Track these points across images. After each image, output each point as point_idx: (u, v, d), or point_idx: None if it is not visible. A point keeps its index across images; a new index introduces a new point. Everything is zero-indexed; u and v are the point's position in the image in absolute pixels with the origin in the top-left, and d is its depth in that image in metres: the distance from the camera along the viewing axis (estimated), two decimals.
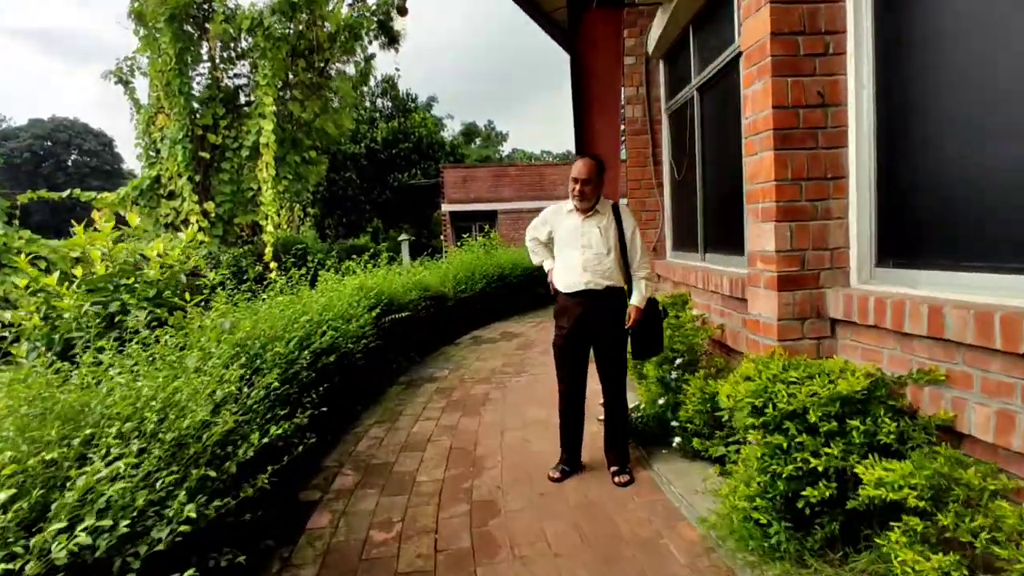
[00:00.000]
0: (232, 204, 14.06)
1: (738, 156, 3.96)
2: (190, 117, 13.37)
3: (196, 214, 13.57)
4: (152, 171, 14.12)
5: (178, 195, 13.73)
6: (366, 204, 23.73)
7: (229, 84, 14.55)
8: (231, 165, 13.89)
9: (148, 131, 14.33)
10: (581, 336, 3.20)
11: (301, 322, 4.03)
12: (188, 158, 13.35)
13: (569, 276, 3.16)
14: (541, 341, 7.66)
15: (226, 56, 14.30)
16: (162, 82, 13.51)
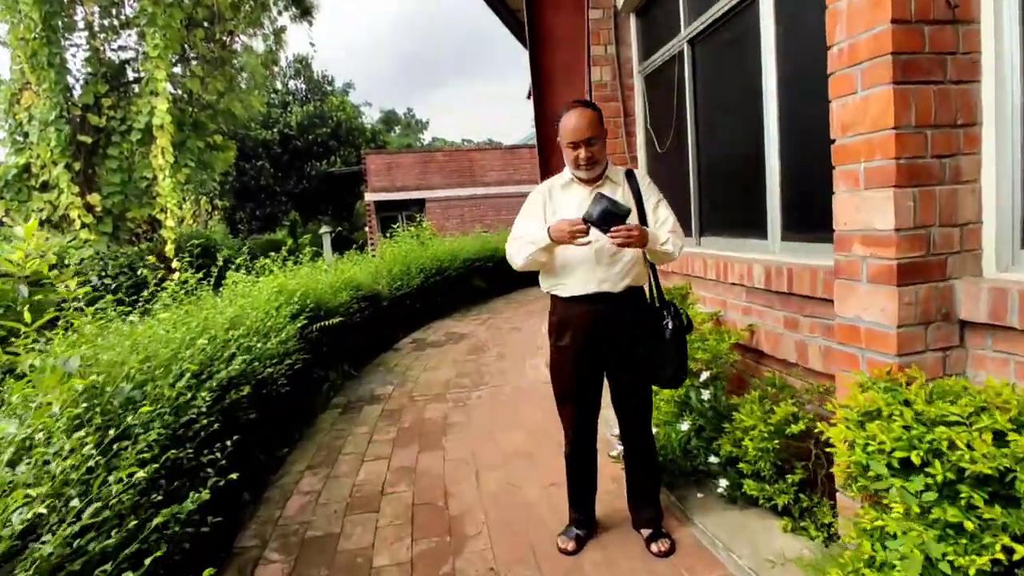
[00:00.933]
0: (123, 196, 12.25)
1: (755, 116, 3.23)
2: (64, 94, 11.41)
3: (78, 208, 11.69)
4: (20, 158, 12.02)
5: (54, 186, 11.75)
6: (282, 195, 21.87)
7: (113, 57, 12.63)
8: (119, 151, 12.06)
9: (12, 111, 12.19)
10: (592, 357, 2.31)
11: (198, 347, 2.93)
12: (64, 142, 11.42)
13: (574, 275, 2.26)
14: (493, 343, 6.76)
15: (107, 24, 12.37)
16: (26, 53, 11.44)
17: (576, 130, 2.19)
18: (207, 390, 2.78)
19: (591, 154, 2.19)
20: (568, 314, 2.27)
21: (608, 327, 2.24)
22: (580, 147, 2.19)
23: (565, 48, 5.19)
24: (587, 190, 2.25)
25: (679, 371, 2.27)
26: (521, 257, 2.28)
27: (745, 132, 3.41)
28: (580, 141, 2.19)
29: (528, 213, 2.36)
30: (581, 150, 2.19)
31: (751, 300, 3.14)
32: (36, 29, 11.10)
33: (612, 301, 2.22)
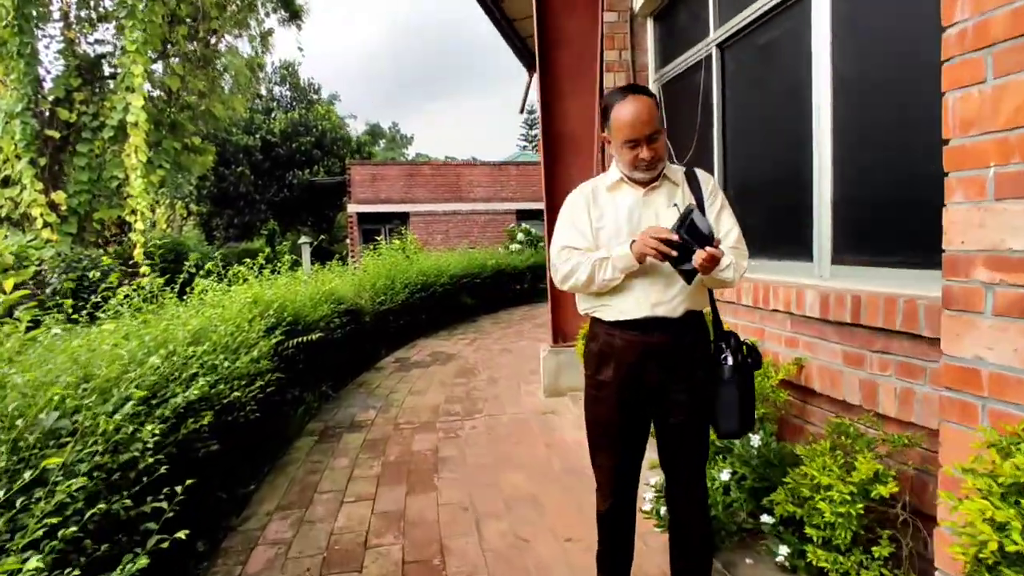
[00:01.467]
0: (90, 195, 11.60)
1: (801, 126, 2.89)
2: (33, 86, 10.80)
3: (40, 206, 11.01)
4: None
5: (16, 182, 11.07)
6: (261, 203, 21.19)
7: (88, 51, 12.06)
8: (90, 148, 11.45)
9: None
10: (639, 395, 1.86)
11: (149, 365, 2.44)
12: (30, 136, 10.79)
13: (624, 295, 1.83)
14: (483, 365, 6.30)
15: (84, 16, 11.82)
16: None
17: (636, 124, 1.74)
18: (157, 419, 2.30)
19: (654, 153, 1.77)
20: (613, 342, 1.84)
21: (661, 360, 1.81)
22: (641, 145, 1.76)
23: (576, 52, 4.84)
24: (639, 192, 1.85)
25: (744, 420, 1.84)
26: (584, 275, 1.81)
27: (786, 144, 3.06)
28: (641, 138, 1.75)
29: (572, 219, 1.92)
30: (642, 148, 1.76)
31: (798, 330, 2.76)
32: (7, 17, 10.55)
33: (668, 329, 1.80)
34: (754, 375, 1.92)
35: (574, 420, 4.21)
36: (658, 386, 1.82)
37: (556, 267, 1.89)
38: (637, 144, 1.76)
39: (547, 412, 4.46)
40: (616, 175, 1.89)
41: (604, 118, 1.85)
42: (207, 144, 13.58)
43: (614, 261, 1.77)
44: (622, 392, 1.83)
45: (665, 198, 1.85)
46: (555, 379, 4.86)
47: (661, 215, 1.82)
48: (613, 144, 1.85)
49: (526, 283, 13.03)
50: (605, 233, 1.86)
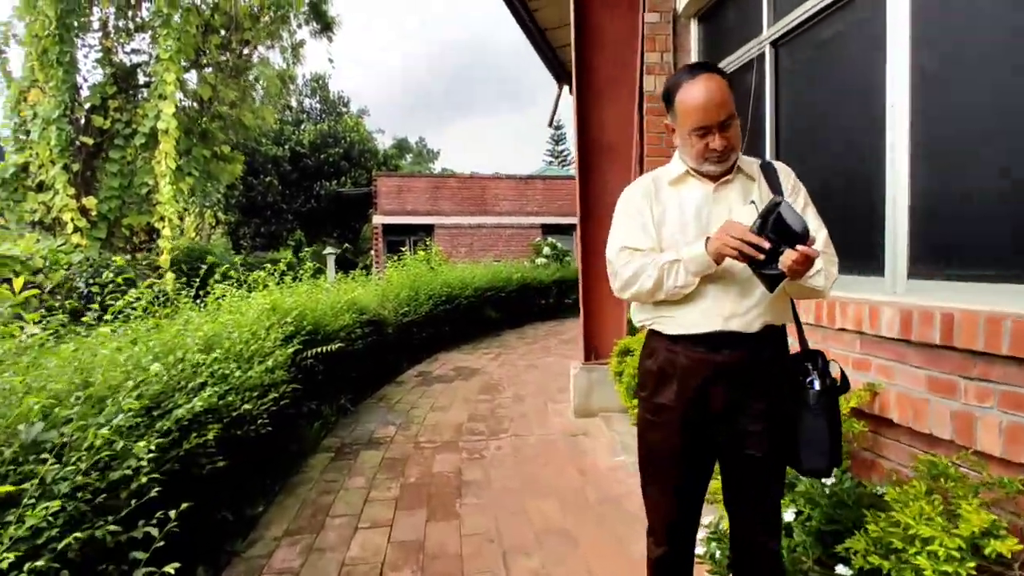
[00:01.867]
0: (120, 201, 11.68)
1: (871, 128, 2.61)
2: (69, 93, 10.96)
3: (72, 211, 11.12)
4: (20, 157, 11.52)
5: (50, 187, 11.21)
6: (288, 213, 21.33)
7: (125, 60, 12.22)
8: (122, 155, 11.55)
9: (18, 109, 11.74)
10: (705, 423, 1.58)
11: (150, 373, 2.24)
12: (64, 142, 10.92)
13: (692, 305, 1.55)
14: (508, 381, 6.03)
15: (122, 26, 12.00)
16: (37, 50, 11.07)
17: (707, 107, 1.48)
18: (155, 433, 2.08)
19: (727, 141, 1.51)
20: (675, 359, 1.57)
21: (733, 381, 1.53)
22: (713, 133, 1.49)
23: (614, 56, 4.62)
24: (708, 187, 1.59)
25: (834, 455, 1.55)
26: (650, 281, 1.53)
27: (853, 147, 2.79)
28: (713, 124, 1.49)
29: (631, 217, 1.66)
30: (714, 136, 1.49)
31: (869, 351, 2.45)
32: (50, 27, 10.77)
33: (742, 345, 1.52)
34: (839, 400, 1.62)
35: (607, 444, 3.91)
36: (727, 412, 1.54)
37: (616, 271, 1.62)
38: (708, 131, 1.50)
39: (578, 434, 4.17)
40: (680, 167, 1.63)
41: (667, 102, 1.60)
42: (236, 153, 13.65)
43: (686, 263, 1.50)
44: (684, 418, 1.56)
45: (739, 194, 1.59)
46: (586, 398, 4.57)
47: (735, 213, 1.55)
48: (678, 132, 1.59)
49: (552, 298, 12.76)
50: (667, 232, 1.60)
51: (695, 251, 1.49)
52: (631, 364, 3.97)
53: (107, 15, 11.62)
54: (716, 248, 1.44)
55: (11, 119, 11.39)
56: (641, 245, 1.60)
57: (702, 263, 1.48)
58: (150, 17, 11.41)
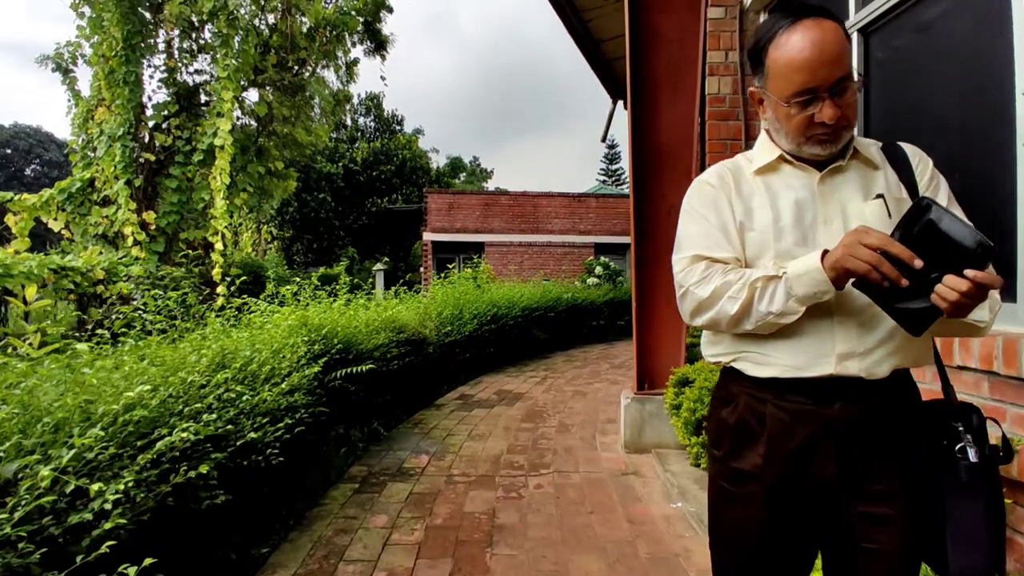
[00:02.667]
0: (178, 216, 11.95)
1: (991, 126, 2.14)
2: (134, 111, 11.34)
3: (133, 225, 11.44)
4: (86, 173, 11.99)
5: (113, 201, 11.60)
6: (340, 229, 21.62)
7: (188, 80, 12.60)
8: (181, 171, 11.85)
9: (85, 126, 12.27)
10: (805, 504, 1.14)
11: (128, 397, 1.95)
12: (128, 158, 11.28)
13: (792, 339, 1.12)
14: (553, 408, 5.62)
15: (186, 47, 12.41)
16: (105, 70, 11.54)
17: (815, 64, 1.06)
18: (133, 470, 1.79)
19: (840, 112, 1.08)
20: (762, 411, 1.15)
21: (848, 447, 1.10)
22: (821, 99, 1.08)
23: (673, 55, 4.22)
24: (812, 178, 1.17)
25: (993, 550, 1.09)
26: (736, 303, 1.11)
27: (969, 147, 2.32)
28: (822, 88, 1.07)
29: (705, 217, 1.23)
30: (823, 105, 1.07)
31: (1002, 397, 1.94)
32: (117, 47, 11.22)
33: (862, 397, 1.09)
34: (999, 475, 1.16)
35: (662, 488, 3.45)
36: (838, 488, 1.10)
37: (686, 290, 1.20)
38: (814, 98, 1.09)
39: (628, 473, 3.72)
40: (770, 151, 1.22)
41: (755, 60, 1.20)
42: (290, 170, 13.84)
43: (791, 282, 1.07)
44: (775, 492, 1.13)
45: (856, 187, 1.16)
46: (638, 433, 4.11)
47: (853, 213, 1.13)
48: (769, 102, 1.19)
49: (603, 319, 12.28)
50: (754, 240, 1.18)
51: (805, 266, 1.06)
52: (690, 396, 3.51)
53: (172, 36, 12.03)
54: (839, 262, 1.00)
55: (79, 136, 11.88)
56: (722, 255, 1.19)
57: (815, 284, 1.04)
58: (212, 38, 11.75)
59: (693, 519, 2.94)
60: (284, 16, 12.05)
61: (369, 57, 14.33)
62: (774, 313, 1.08)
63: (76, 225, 11.96)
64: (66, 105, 12.50)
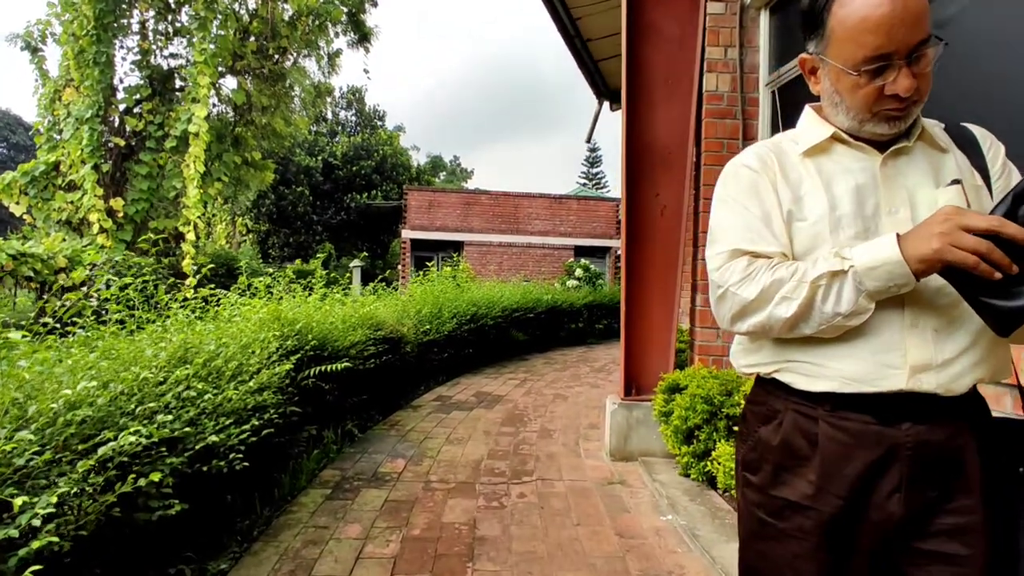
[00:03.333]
0: (148, 204, 11.52)
1: None
2: (104, 93, 10.91)
3: (99, 212, 11.02)
4: (51, 156, 11.49)
5: (79, 186, 11.14)
6: (318, 224, 21.19)
7: (162, 64, 12.17)
8: (152, 157, 11.43)
9: (52, 108, 11.77)
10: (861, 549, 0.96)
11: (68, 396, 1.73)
12: (96, 142, 10.84)
13: (846, 345, 0.95)
14: (534, 412, 5.45)
15: (161, 30, 11.97)
16: (74, 50, 11.08)
17: (894, 23, 0.90)
18: (72, 479, 1.56)
19: (917, 84, 0.93)
20: (813, 432, 0.98)
21: (920, 475, 0.94)
22: (896, 66, 0.92)
23: (670, 51, 4.07)
24: (874, 160, 1.01)
25: None
26: (792, 305, 0.93)
27: None
28: (897, 52, 0.91)
29: (746, 205, 1.06)
30: (898, 74, 0.92)
31: None
32: (88, 26, 10.78)
33: (939, 416, 0.93)
34: None
35: (650, 498, 3.30)
36: (906, 524, 0.94)
37: (726, 291, 1.02)
38: (887, 66, 0.93)
39: (614, 482, 3.56)
40: (820, 129, 1.06)
41: (811, 21, 1.03)
42: (268, 161, 13.48)
43: (860, 276, 0.90)
44: (830, 527, 0.96)
45: (924, 172, 1.00)
46: (624, 440, 3.96)
47: (923, 201, 0.98)
48: (825, 70, 1.02)
49: (582, 322, 12.15)
50: (804, 231, 1.01)
51: (878, 256, 0.89)
52: (681, 403, 3.37)
53: (146, 17, 11.60)
54: (937, 254, 0.84)
55: (45, 117, 11.40)
56: (766, 248, 1.02)
57: (892, 277, 0.88)
58: (189, 21, 11.36)
59: (684, 533, 2.80)
60: (265, 1, 11.70)
61: (352, 49, 14.07)
62: (843, 314, 0.92)
63: (39, 210, 11.47)
64: (33, 85, 11.97)
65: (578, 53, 7.66)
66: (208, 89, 10.77)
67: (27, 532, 1.40)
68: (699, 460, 3.31)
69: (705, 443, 3.24)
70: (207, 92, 10.79)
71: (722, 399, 3.20)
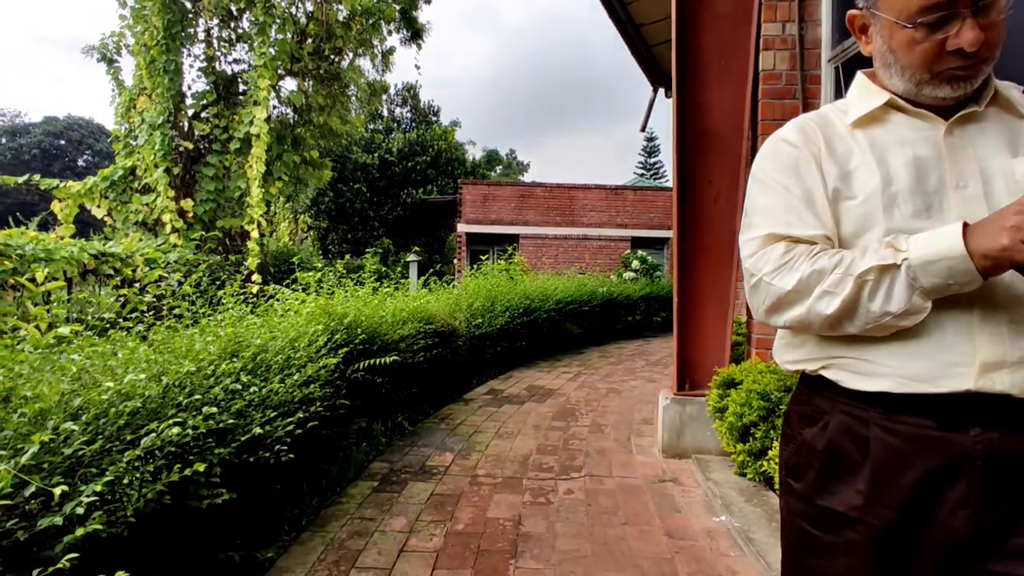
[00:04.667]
0: (215, 204, 12.05)
1: None
2: (174, 100, 11.46)
3: (171, 212, 11.59)
4: (128, 161, 12.18)
5: (153, 189, 11.79)
6: (375, 220, 21.65)
7: (226, 70, 12.68)
8: (218, 159, 11.95)
9: (128, 115, 12.45)
10: (920, 566, 0.83)
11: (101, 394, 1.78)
12: (167, 147, 11.42)
13: (905, 342, 0.83)
14: (586, 406, 5.36)
15: (224, 36, 12.48)
16: (146, 59, 11.68)
17: None
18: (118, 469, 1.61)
19: (986, 37, 0.81)
20: (864, 434, 0.88)
21: (991, 487, 0.82)
22: (960, 16, 0.81)
23: (724, 29, 3.89)
24: (937, 128, 0.89)
25: None
26: (837, 300, 0.84)
27: None
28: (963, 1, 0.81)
29: (784, 184, 0.96)
30: (963, 26, 0.81)
31: None
32: (158, 36, 11.35)
33: (1011, 421, 0.81)
34: None
35: (703, 498, 3.17)
36: (975, 541, 0.83)
37: (760, 282, 0.93)
38: (950, 15, 0.81)
39: (666, 480, 3.45)
40: (872, 96, 0.94)
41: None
42: (325, 160, 13.84)
43: (915, 271, 0.79)
44: (883, 541, 0.86)
45: (1001, 139, 0.88)
46: (677, 436, 3.83)
47: (997, 172, 0.86)
48: (878, 26, 0.91)
49: (639, 314, 11.92)
50: (856, 212, 0.91)
51: (938, 248, 0.78)
52: (736, 399, 3.21)
53: (211, 25, 12.10)
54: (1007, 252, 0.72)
55: (122, 125, 12.08)
56: (806, 232, 0.92)
57: (953, 274, 0.77)
58: (249, 27, 11.77)
59: (739, 535, 2.66)
60: (321, 4, 11.98)
61: (405, 46, 14.22)
62: (893, 314, 0.81)
63: (118, 212, 12.17)
64: (110, 95, 12.69)
65: (630, 39, 7.46)
66: (268, 92, 11.14)
67: (73, 519, 1.44)
68: (755, 459, 3.15)
69: (762, 441, 3.08)
70: (267, 95, 11.16)
71: (780, 395, 3.03)
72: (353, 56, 13.44)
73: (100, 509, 1.54)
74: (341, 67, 13.02)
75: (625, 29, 7.14)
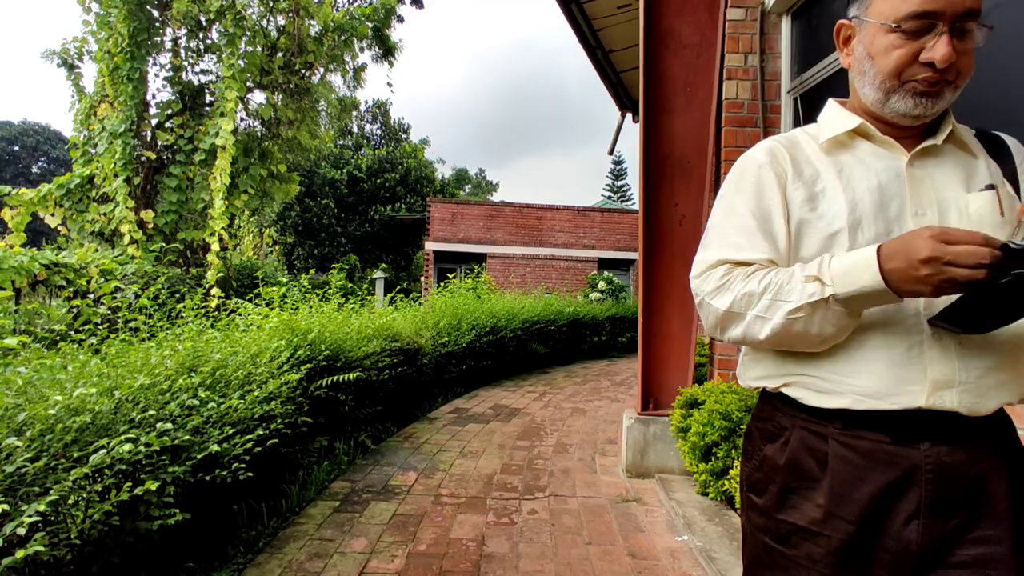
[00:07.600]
0: (177, 216, 11.78)
1: None
2: (137, 109, 11.23)
3: (130, 223, 11.28)
4: (86, 169, 11.84)
5: (111, 199, 11.47)
6: (342, 236, 21.43)
7: (193, 80, 12.50)
8: (182, 170, 11.71)
9: (87, 123, 12.14)
10: (879, 572, 0.86)
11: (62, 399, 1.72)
12: (128, 156, 11.15)
13: (859, 357, 0.87)
14: (551, 426, 5.36)
15: (192, 47, 12.31)
16: (110, 66, 11.44)
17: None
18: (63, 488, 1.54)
19: (956, 57, 0.86)
20: (823, 450, 0.90)
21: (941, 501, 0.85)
22: (939, 31, 0.86)
23: (689, 59, 4.02)
24: (900, 158, 0.94)
25: None
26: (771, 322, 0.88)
27: None
28: (943, 13, 0.85)
29: (742, 205, 1.00)
30: (939, 40, 0.85)
31: None
32: (122, 44, 11.14)
33: (962, 437, 0.85)
34: None
35: (666, 517, 3.19)
36: (924, 553, 0.85)
37: (703, 302, 0.98)
38: (929, 27, 0.86)
39: (629, 499, 3.46)
40: (846, 119, 0.99)
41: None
42: (293, 174, 13.70)
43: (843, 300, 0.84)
44: (841, 555, 0.88)
45: (954, 173, 0.93)
46: (640, 456, 3.86)
47: (952, 205, 0.90)
48: (863, 33, 0.95)
49: (605, 335, 12.02)
50: (819, 234, 0.94)
51: (855, 261, 0.82)
52: (699, 419, 3.26)
53: (179, 35, 11.93)
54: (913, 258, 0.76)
55: (81, 132, 11.75)
56: (750, 255, 0.95)
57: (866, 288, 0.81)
58: (218, 38, 11.65)
59: (700, 555, 2.68)
60: (293, 19, 11.95)
61: (377, 63, 14.24)
62: (826, 336, 0.87)
63: (73, 222, 11.79)
64: (70, 101, 12.37)
65: (600, 64, 7.64)
66: (235, 103, 11.01)
67: (13, 540, 1.37)
68: (717, 478, 3.19)
69: (723, 460, 3.13)
70: (234, 106, 11.02)
71: (741, 415, 3.08)
72: (324, 71, 13.40)
73: (43, 530, 1.47)
74: (312, 82, 12.97)
75: (595, 54, 7.31)
